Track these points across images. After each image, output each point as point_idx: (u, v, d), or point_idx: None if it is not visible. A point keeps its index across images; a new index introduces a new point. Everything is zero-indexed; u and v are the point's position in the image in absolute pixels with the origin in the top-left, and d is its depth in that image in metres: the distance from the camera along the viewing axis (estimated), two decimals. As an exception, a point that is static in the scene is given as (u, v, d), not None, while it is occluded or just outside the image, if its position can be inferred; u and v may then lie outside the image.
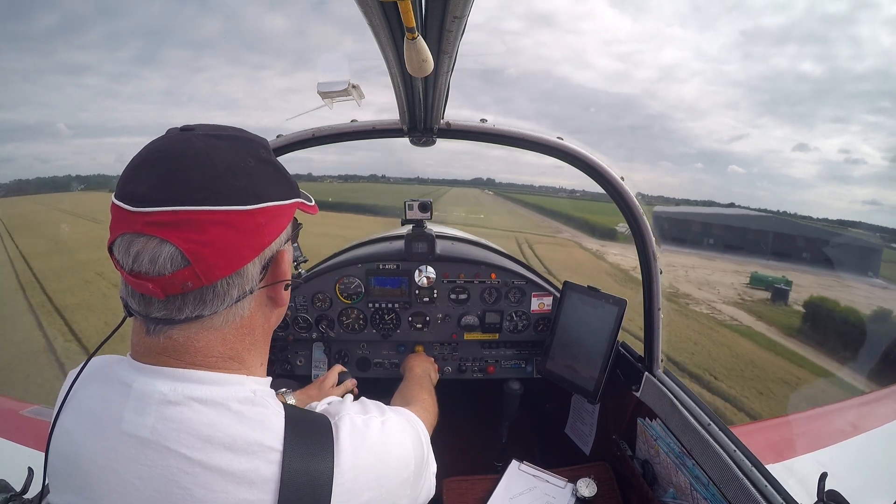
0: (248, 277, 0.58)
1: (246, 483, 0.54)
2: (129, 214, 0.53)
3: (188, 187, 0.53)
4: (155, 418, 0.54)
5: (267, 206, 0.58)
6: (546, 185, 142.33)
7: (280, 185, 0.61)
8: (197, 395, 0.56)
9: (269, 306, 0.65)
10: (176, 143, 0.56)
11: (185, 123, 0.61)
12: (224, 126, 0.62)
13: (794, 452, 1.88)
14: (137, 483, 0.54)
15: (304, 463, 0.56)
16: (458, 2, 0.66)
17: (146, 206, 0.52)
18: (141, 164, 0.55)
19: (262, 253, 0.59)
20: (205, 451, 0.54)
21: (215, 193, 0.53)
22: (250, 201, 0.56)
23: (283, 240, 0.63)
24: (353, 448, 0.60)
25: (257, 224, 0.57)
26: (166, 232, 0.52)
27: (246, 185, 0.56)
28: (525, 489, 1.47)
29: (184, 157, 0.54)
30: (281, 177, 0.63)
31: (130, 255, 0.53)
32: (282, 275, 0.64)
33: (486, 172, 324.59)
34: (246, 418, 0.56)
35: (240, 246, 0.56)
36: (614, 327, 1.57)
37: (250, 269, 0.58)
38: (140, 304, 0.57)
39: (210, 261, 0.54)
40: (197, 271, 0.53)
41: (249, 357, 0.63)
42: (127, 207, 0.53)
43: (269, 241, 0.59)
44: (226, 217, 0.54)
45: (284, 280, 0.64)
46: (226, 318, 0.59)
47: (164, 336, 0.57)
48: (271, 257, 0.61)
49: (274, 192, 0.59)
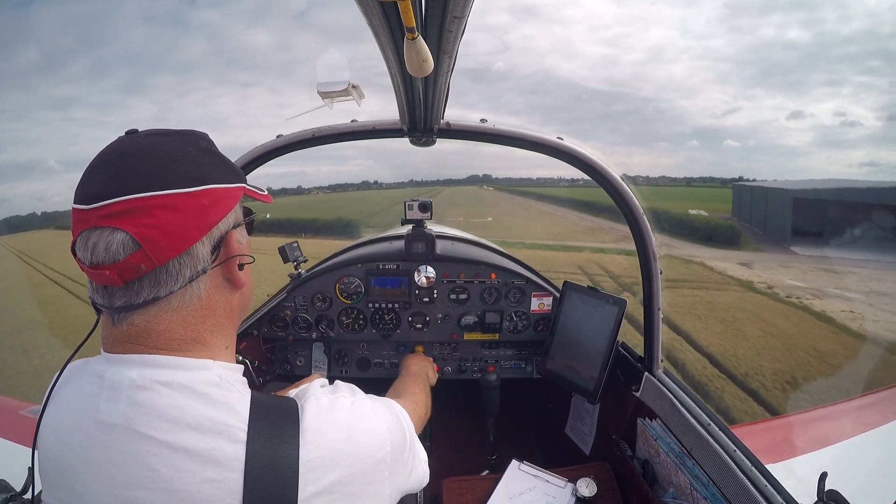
0: (199, 257, 0.61)
1: (212, 462, 0.55)
2: (84, 213, 0.57)
3: (134, 177, 0.57)
4: (125, 404, 0.56)
5: (209, 188, 0.61)
6: (544, 178, 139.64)
7: (222, 171, 0.65)
8: (164, 379, 0.58)
9: (228, 288, 0.67)
10: (121, 144, 0.61)
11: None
12: (166, 128, 0.66)
13: (794, 452, 1.88)
14: (113, 469, 0.56)
15: (269, 442, 0.57)
16: (458, 2, 0.66)
17: (99, 201, 0.56)
18: (93, 167, 0.60)
19: (209, 233, 0.62)
20: (171, 433, 0.55)
21: (159, 180, 0.57)
22: (193, 184, 0.60)
23: (230, 221, 0.66)
24: (318, 426, 0.61)
25: (201, 205, 0.60)
26: (117, 221, 0.56)
27: (187, 171, 0.60)
28: (525, 489, 1.47)
29: (129, 153, 0.59)
30: (223, 164, 0.66)
31: (88, 248, 0.57)
32: (232, 253, 0.66)
33: (482, 169, 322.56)
34: (211, 400, 0.58)
35: (186, 227, 0.59)
36: (614, 327, 1.57)
37: (199, 248, 0.61)
38: (104, 296, 0.60)
39: (160, 242, 0.57)
40: (148, 253, 0.56)
41: (213, 339, 0.65)
42: (82, 207, 0.57)
43: (215, 221, 0.62)
44: (170, 200, 0.57)
45: (234, 256, 0.66)
46: (182, 299, 0.61)
47: (126, 323, 0.60)
48: (220, 238, 0.64)
49: (215, 177, 0.63)
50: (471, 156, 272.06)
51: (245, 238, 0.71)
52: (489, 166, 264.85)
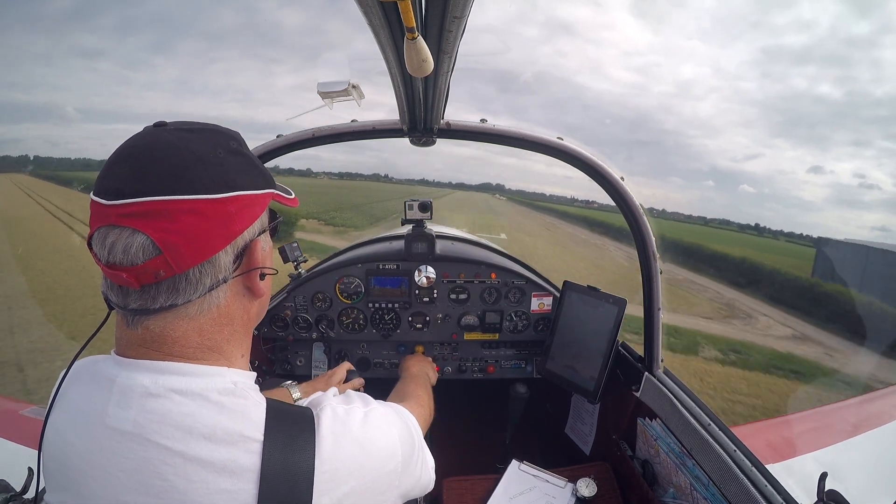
0: (221, 266, 0.59)
1: (226, 473, 0.54)
2: (103, 208, 0.55)
3: (158, 178, 0.54)
4: (137, 411, 0.55)
5: (237, 195, 0.59)
6: (556, 195, 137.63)
7: (251, 176, 0.62)
8: (177, 387, 0.56)
9: (248, 297, 0.65)
10: (147, 138, 0.58)
11: (176, 119, 0.63)
12: (196, 121, 0.63)
13: (794, 452, 1.88)
14: (122, 476, 0.54)
15: (284, 452, 0.56)
16: (458, 2, 0.66)
17: (119, 198, 0.54)
18: (115, 160, 0.57)
19: (234, 241, 0.60)
20: (185, 442, 0.54)
21: (185, 183, 0.55)
22: (220, 190, 0.57)
23: (256, 229, 0.64)
24: (334, 437, 0.60)
25: (227, 213, 0.57)
26: (138, 222, 0.54)
27: (215, 175, 0.57)
28: (525, 489, 1.47)
29: (154, 149, 0.56)
30: (252, 167, 0.63)
31: (106, 246, 0.55)
32: (255, 264, 0.64)
33: (497, 178, 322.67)
34: (226, 409, 0.57)
35: (210, 234, 0.56)
36: (614, 327, 1.57)
37: (222, 257, 0.59)
38: (118, 296, 0.58)
39: (181, 249, 0.55)
40: (168, 260, 0.54)
41: (229, 348, 0.64)
42: (102, 201, 0.55)
43: (240, 230, 0.60)
44: (195, 206, 0.55)
45: (258, 268, 0.64)
46: (200, 308, 0.59)
47: (141, 327, 0.58)
48: (244, 246, 0.62)
49: (244, 182, 0.60)
50: (486, 163, 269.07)
51: (268, 245, 0.69)
52: (504, 175, 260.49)
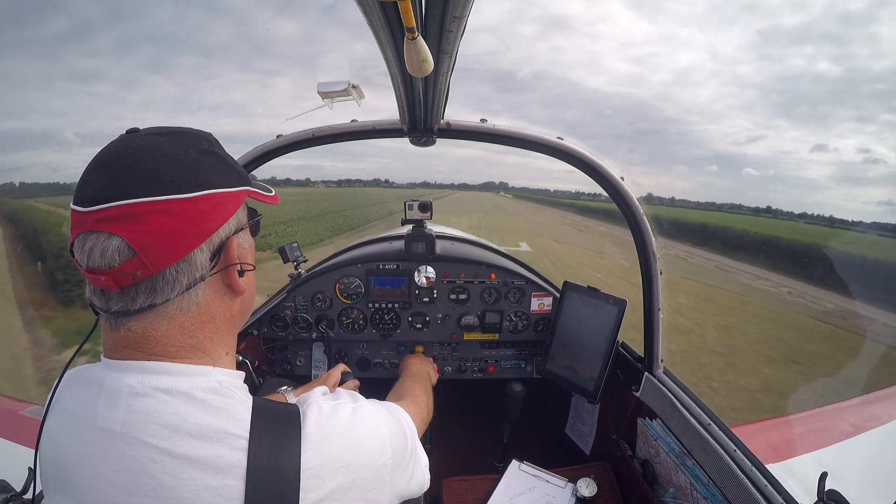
0: (197, 264, 0.60)
1: (212, 469, 0.55)
2: (81, 215, 0.56)
3: (130, 181, 0.56)
4: (125, 411, 0.56)
5: (208, 194, 0.59)
6: (560, 190, 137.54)
7: (224, 174, 0.63)
8: (163, 386, 0.57)
9: (228, 294, 0.66)
10: (119, 144, 0.59)
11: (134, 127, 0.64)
12: (169, 126, 0.64)
13: (794, 452, 1.87)
14: (113, 476, 0.55)
15: (270, 449, 0.57)
16: (458, 2, 0.66)
17: (94, 204, 0.55)
18: (91, 169, 0.58)
19: (208, 239, 0.60)
20: (171, 440, 0.55)
21: (156, 184, 0.56)
22: (191, 189, 0.58)
23: (232, 227, 0.64)
24: (319, 433, 0.61)
25: (199, 211, 0.58)
26: (113, 226, 0.55)
27: (186, 175, 0.58)
28: (525, 489, 1.47)
29: (125, 154, 0.57)
30: (225, 166, 0.64)
31: (85, 252, 0.56)
32: (232, 261, 0.64)
33: (499, 177, 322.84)
34: (211, 407, 0.58)
35: (183, 233, 0.57)
36: (614, 327, 1.57)
37: (197, 255, 0.60)
38: (101, 300, 0.59)
39: (156, 249, 0.56)
40: (144, 260, 0.55)
41: (212, 346, 0.64)
42: (79, 209, 0.57)
43: (214, 228, 0.61)
44: (167, 206, 0.56)
45: (234, 264, 0.64)
46: (179, 306, 0.60)
47: (124, 328, 0.59)
48: (220, 244, 0.63)
49: (216, 181, 0.61)
50: (489, 163, 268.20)
51: (248, 242, 0.69)
52: (507, 174, 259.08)
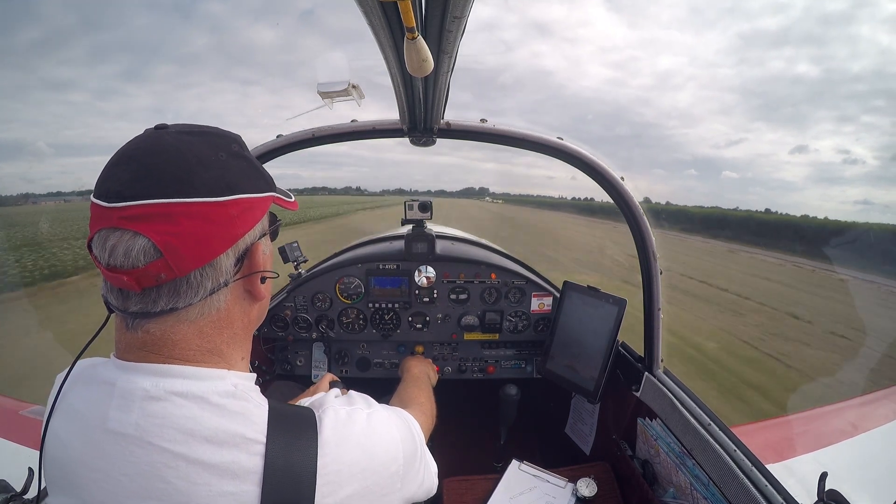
0: (222, 269, 0.59)
1: (229, 475, 0.54)
2: (105, 210, 0.54)
3: (160, 181, 0.54)
4: (138, 415, 0.55)
5: (239, 198, 0.59)
6: (543, 195, 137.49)
7: (253, 179, 0.62)
8: (178, 390, 0.56)
9: (248, 300, 0.66)
10: (148, 141, 0.58)
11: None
12: (198, 124, 0.63)
13: (794, 452, 1.87)
14: (124, 480, 0.54)
15: (287, 455, 0.56)
16: (458, 2, 0.66)
17: (120, 201, 0.54)
18: (116, 162, 0.57)
19: (235, 245, 0.60)
20: (187, 445, 0.54)
21: (186, 186, 0.54)
22: (222, 193, 0.57)
23: (257, 233, 0.64)
24: (336, 439, 0.60)
25: (229, 215, 0.57)
26: (139, 225, 0.53)
27: (217, 178, 0.57)
28: (525, 489, 1.47)
29: (155, 152, 0.56)
30: (254, 171, 0.63)
31: (106, 249, 0.54)
32: (256, 267, 0.64)
33: (479, 183, 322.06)
34: (227, 411, 0.57)
35: (212, 237, 0.56)
36: (614, 327, 1.57)
37: (223, 260, 0.59)
38: (118, 298, 0.58)
39: (182, 252, 0.54)
40: (170, 263, 0.54)
41: (229, 351, 0.64)
42: (103, 204, 0.55)
43: (241, 233, 0.60)
44: (197, 209, 0.55)
45: (258, 272, 0.64)
46: (201, 311, 0.59)
47: (141, 330, 0.58)
48: (245, 250, 0.62)
49: (246, 185, 0.60)
50: (467, 171, 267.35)
51: (269, 248, 0.69)
52: (486, 181, 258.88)
